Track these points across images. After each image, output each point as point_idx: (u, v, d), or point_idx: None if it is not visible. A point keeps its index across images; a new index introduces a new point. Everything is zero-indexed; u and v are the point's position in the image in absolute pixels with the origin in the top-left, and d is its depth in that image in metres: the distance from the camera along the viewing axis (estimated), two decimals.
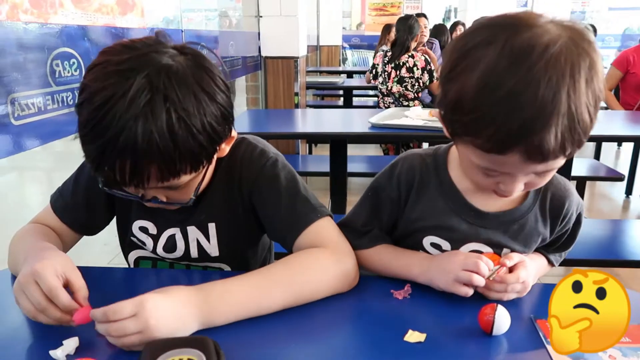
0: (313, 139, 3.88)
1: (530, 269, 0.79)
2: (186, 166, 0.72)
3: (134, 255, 0.98)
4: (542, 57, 0.60)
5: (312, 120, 2.69)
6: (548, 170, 0.70)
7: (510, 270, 0.78)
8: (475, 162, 0.71)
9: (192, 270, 0.94)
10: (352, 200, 1.02)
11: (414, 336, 0.68)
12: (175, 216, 0.89)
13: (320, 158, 3.54)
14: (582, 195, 3.13)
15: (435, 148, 0.89)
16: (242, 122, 2.51)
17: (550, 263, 0.93)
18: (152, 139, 0.66)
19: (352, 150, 4.69)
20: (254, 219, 0.91)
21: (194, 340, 0.62)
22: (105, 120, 0.66)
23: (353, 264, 0.83)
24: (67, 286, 0.70)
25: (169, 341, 0.62)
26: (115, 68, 0.67)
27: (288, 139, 3.33)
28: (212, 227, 0.91)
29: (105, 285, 0.85)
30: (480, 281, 0.75)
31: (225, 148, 0.83)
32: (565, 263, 1.87)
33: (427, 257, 0.85)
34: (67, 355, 0.64)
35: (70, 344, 0.66)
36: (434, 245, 0.87)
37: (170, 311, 0.66)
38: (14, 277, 0.82)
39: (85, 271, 0.73)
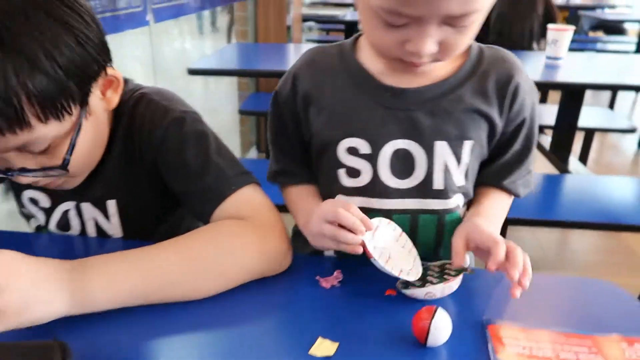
0: None
1: (495, 232, 0.65)
2: (32, 107, 0.55)
3: (35, 222, 0.84)
4: None
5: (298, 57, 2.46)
6: (466, 13, 0.57)
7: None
8: (377, 4, 0.58)
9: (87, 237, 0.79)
10: None
11: (322, 347, 0.54)
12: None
13: None
14: (588, 146, 2.93)
15: (340, 42, 0.78)
16: (226, 56, 2.29)
17: (512, 193, 0.77)
18: None
19: None
20: (166, 188, 0.75)
21: (37, 347, 0.50)
22: None
23: (281, 238, 0.67)
24: None
25: (2, 349, 0.49)
26: None
27: (265, 77, 3.03)
28: (111, 204, 0.77)
29: None
30: (353, 239, 0.62)
31: (111, 97, 0.67)
32: (563, 225, 1.71)
33: (316, 204, 0.71)
34: None
35: None
36: (351, 151, 0.72)
37: (31, 266, 0.52)
38: None
39: None
